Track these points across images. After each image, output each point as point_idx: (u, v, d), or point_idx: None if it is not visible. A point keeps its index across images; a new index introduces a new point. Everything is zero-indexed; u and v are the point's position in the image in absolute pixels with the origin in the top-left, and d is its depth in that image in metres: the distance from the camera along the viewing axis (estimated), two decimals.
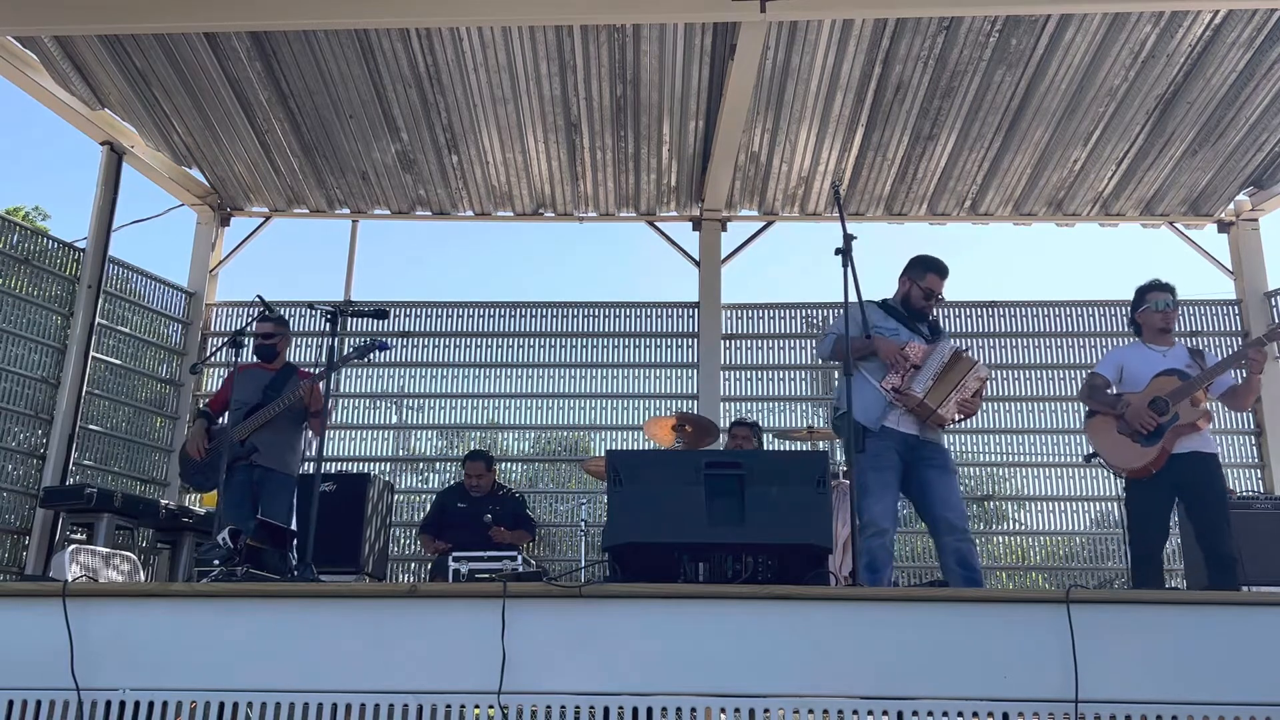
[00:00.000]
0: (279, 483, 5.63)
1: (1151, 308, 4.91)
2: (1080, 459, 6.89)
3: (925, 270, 4.67)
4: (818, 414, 8.12)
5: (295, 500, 5.66)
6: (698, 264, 8.19)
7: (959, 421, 4.62)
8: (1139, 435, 4.68)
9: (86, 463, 7.25)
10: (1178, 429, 4.60)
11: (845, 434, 4.36)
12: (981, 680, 3.12)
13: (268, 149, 7.63)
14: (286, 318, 6.25)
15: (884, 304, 4.69)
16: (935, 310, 4.82)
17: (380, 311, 5.27)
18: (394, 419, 8.25)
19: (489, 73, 6.73)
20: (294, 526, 5.36)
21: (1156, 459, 4.62)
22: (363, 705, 3.13)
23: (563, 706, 3.12)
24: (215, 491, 5.61)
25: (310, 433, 5.76)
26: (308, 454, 5.81)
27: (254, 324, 5.95)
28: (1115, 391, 4.87)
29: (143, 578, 5.82)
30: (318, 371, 5.72)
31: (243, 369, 5.91)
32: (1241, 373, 4.78)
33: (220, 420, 5.93)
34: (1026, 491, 7.87)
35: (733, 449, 6.51)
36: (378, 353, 5.63)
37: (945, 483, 4.38)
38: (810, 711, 3.10)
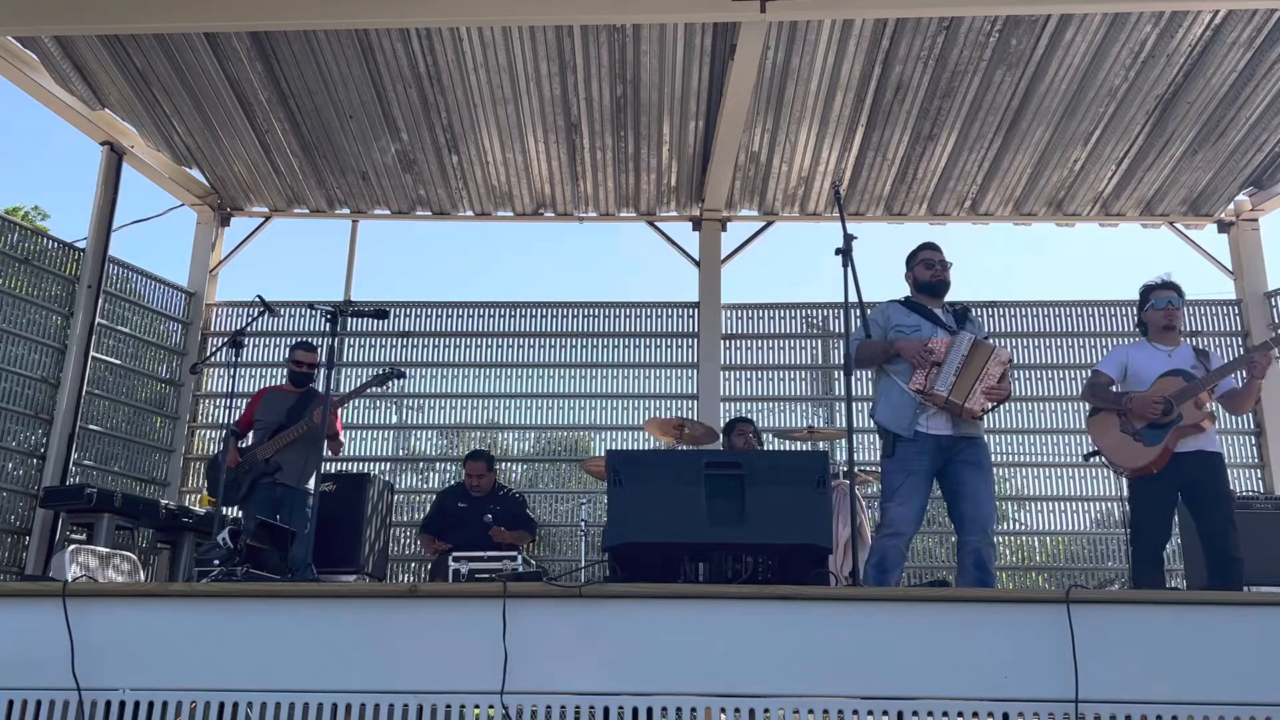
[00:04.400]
0: (299, 499, 5.90)
1: (1154, 306, 4.90)
2: (1081, 458, 6.90)
3: (916, 252, 4.68)
4: (818, 414, 8.12)
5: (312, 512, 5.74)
6: (698, 264, 8.19)
7: (992, 409, 4.55)
8: (1141, 434, 4.67)
9: (86, 463, 7.25)
10: (1181, 429, 4.59)
11: (882, 440, 4.39)
12: (981, 680, 3.13)
13: (268, 149, 7.63)
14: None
15: (905, 301, 4.65)
16: (960, 304, 4.75)
17: (380, 311, 5.29)
18: (394, 419, 8.25)
19: (489, 73, 6.74)
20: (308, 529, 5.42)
21: (1158, 459, 4.61)
22: (363, 705, 3.14)
23: (563, 706, 3.12)
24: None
25: (329, 451, 6.00)
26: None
27: (296, 351, 6.26)
28: (1118, 390, 4.85)
29: (143, 578, 5.82)
30: (335, 395, 5.87)
31: (269, 391, 6.31)
32: (1243, 375, 4.78)
33: (247, 439, 6.21)
34: (1026, 491, 7.87)
35: (742, 448, 6.47)
36: (396, 381, 5.99)
37: (978, 480, 4.32)
38: (810, 711, 3.10)
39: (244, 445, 6.13)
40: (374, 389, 6.11)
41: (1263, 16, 6.08)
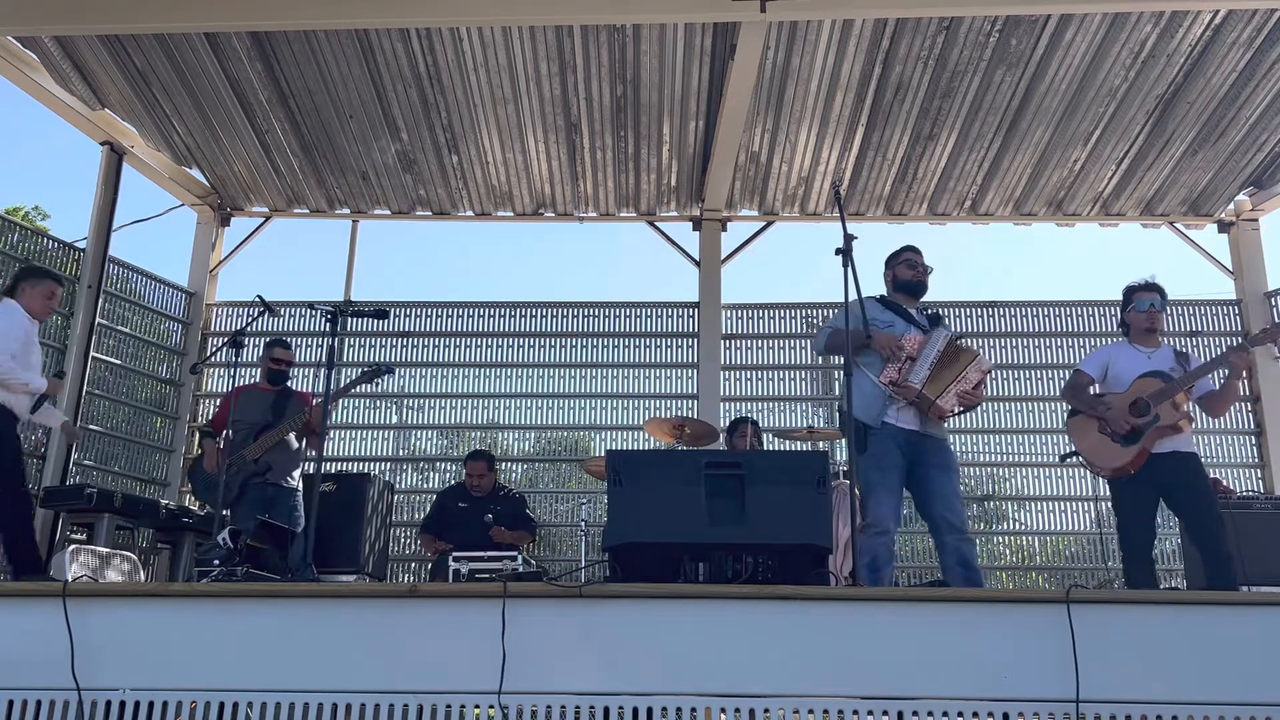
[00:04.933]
0: (288, 496, 5.91)
1: (1136, 308, 4.92)
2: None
3: (899, 253, 4.75)
4: (818, 414, 8.12)
5: (302, 505, 5.92)
6: (698, 264, 8.19)
7: (960, 413, 4.61)
8: (1118, 436, 4.69)
9: (86, 463, 7.25)
10: (1159, 430, 4.62)
11: (847, 432, 4.37)
12: (981, 680, 3.12)
13: (268, 149, 7.63)
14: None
15: (881, 298, 4.72)
16: (933, 307, 4.80)
17: (380, 311, 5.28)
18: (394, 419, 8.25)
19: (489, 73, 6.74)
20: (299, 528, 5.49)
21: (1135, 459, 4.64)
22: (363, 705, 3.13)
23: (563, 706, 3.12)
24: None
25: (310, 450, 5.99)
26: (308, 456, 6.01)
27: (274, 349, 6.25)
28: (1099, 390, 4.90)
29: (143, 578, 5.82)
30: (319, 393, 5.84)
31: (244, 390, 6.16)
32: (1222, 376, 4.80)
33: (223, 437, 6.13)
34: (1026, 491, 7.87)
35: (742, 449, 6.47)
36: (386, 377, 5.94)
37: (946, 480, 4.38)
38: (810, 711, 3.10)
39: (221, 446, 6.04)
40: (362, 386, 6.08)
41: (1263, 16, 6.08)
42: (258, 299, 6.08)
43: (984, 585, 4.57)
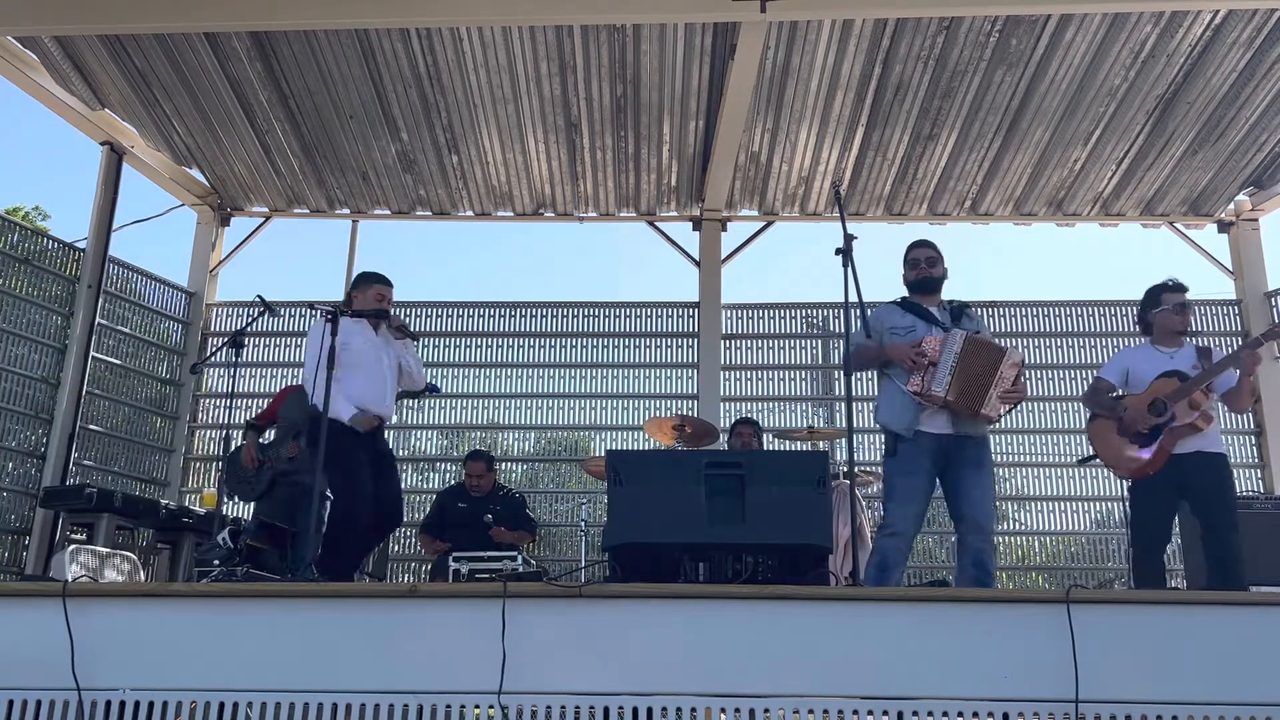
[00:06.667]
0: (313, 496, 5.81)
1: (1168, 309, 4.86)
2: (1077, 461, 6.89)
3: (907, 251, 4.70)
4: (818, 414, 8.11)
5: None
6: (698, 264, 8.19)
7: (1007, 412, 4.53)
8: (1137, 437, 4.69)
9: (86, 463, 7.25)
10: (1175, 430, 4.60)
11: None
12: (981, 680, 3.13)
13: (268, 149, 7.63)
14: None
15: (901, 301, 4.63)
16: (958, 301, 4.73)
17: (380, 311, 5.29)
18: (394, 419, 8.23)
19: (489, 73, 6.74)
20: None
21: (1153, 460, 4.63)
22: (363, 705, 3.13)
23: (563, 706, 3.12)
24: (214, 493, 5.68)
25: None
26: None
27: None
28: (1120, 395, 4.87)
29: (143, 578, 5.82)
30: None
31: (294, 390, 6.19)
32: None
33: (266, 435, 6.13)
34: (1026, 491, 7.87)
35: (738, 448, 6.49)
36: (430, 395, 5.81)
37: (978, 480, 4.33)
38: (810, 711, 3.10)
39: (263, 442, 6.07)
40: (404, 400, 6.06)
41: (1263, 16, 6.08)
42: (258, 299, 6.07)
43: (993, 588, 4.54)
